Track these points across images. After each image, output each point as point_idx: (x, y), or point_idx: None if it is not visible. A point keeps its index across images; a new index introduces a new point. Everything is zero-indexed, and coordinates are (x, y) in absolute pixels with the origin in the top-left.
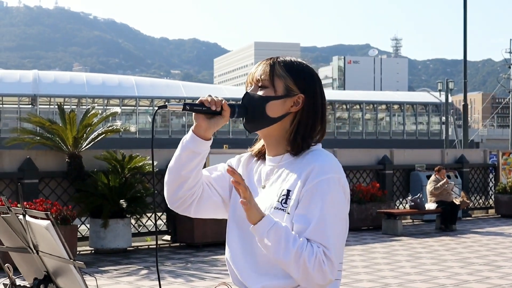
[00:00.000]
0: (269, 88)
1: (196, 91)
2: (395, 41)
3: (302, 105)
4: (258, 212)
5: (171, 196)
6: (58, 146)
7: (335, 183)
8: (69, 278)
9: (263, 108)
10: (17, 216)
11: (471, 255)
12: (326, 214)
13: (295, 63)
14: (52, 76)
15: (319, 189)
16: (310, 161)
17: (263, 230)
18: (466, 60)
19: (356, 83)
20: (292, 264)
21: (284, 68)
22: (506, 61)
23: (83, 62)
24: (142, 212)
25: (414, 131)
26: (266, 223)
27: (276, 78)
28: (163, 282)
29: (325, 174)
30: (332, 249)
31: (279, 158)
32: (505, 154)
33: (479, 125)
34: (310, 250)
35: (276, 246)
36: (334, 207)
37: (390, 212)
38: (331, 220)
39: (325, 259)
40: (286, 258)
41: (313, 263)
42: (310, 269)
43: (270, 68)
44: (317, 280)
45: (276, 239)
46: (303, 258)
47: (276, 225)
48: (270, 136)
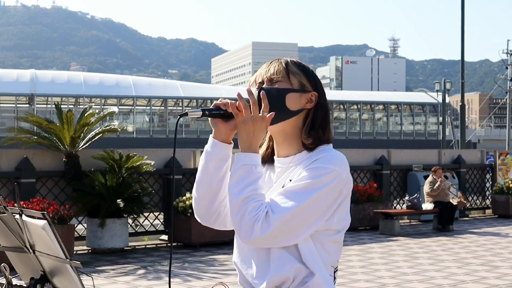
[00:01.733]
0: (284, 82)
1: (194, 91)
2: (392, 41)
3: (316, 102)
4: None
5: (206, 211)
6: (55, 146)
7: (333, 175)
8: (65, 278)
9: (283, 100)
10: (14, 216)
11: (468, 255)
12: (302, 187)
13: (306, 66)
14: (49, 75)
15: (314, 171)
16: (318, 156)
17: (245, 159)
18: (464, 60)
19: (354, 83)
20: (237, 205)
21: (296, 66)
22: (504, 62)
23: (81, 62)
24: (139, 212)
25: (412, 132)
26: (251, 158)
27: (291, 74)
28: (160, 282)
29: (327, 164)
30: (278, 215)
31: (290, 158)
32: (502, 154)
33: (476, 126)
34: (257, 206)
35: (239, 180)
36: (311, 190)
37: (388, 212)
38: (297, 196)
39: (264, 218)
40: (236, 196)
41: (250, 217)
42: (245, 220)
43: (285, 65)
44: (243, 233)
45: (244, 175)
46: (247, 206)
47: (255, 167)
48: (284, 133)
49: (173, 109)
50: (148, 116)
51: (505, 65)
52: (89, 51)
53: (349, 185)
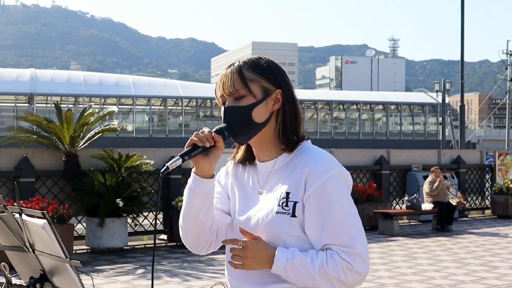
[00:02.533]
0: (247, 95)
1: (193, 91)
2: (392, 41)
3: (282, 99)
4: (267, 251)
5: (194, 242)
6: (55, 145)
7: (338, 178)
8: (65, 277)
9: (249, 117)
10: (14, 215)
11: (468, 255)
12: (338, 213)
13: (259, 61)
14: (49, 74)
15: (326, 189)
16: (304, 161)
17: (281, 267)
18: (463, 60)
19: (353, 83)
20: (323, 284)
21: (251, 70)
22: (503, 62)
23: (80, 61)
24: (138, 211)
25: (411, 132)
26: (280, 261)
27: (250, 83)
28: (159, 282)
29: (326, 173)
30: (354, 244)
31: (273, 162)
32: (502, 154)
33: (476, 126)
34: (333, 263)
35: (299, 278)
36: (343, 204)
37: (387, 212)
38: (345, 218)
39: (350, 259)
40: (314, 283)
41: (342, 272)
42: (343, 279)
43: (239, 75)
44: (354, 281)
45: (296, 273)
46: (330, 274)
47: (290, 261)
48: (261, 141)
49: (172, 108)
50: (147, 116)
51: (504, 65)
52: (88, 50)
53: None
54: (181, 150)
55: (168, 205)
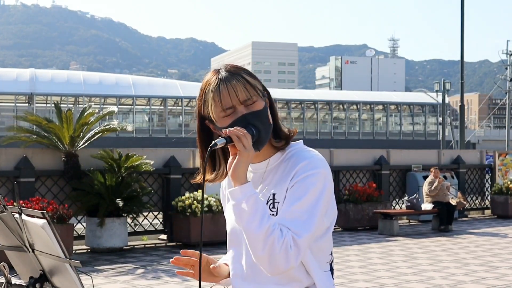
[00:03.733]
0: (257, 100)
1: (193, 91)
2: (392, 41)
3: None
4: (246, 174)
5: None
6: (55, 145)
7: (322, 178)
8: (65, 277)
9: (268, 120)
10: (13, 215)
11: (467, 255)
12: (306, 205)
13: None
14: (49, 74)
15: (304, 182)
16: (296, 160)
17: (245, 193)
18: (463, 61)
19: (353, 83)
20: (261, 240)
21: (249, 75)
22: (503, 62)
23: (80, 61)
24: (138, 211)
25: (411, 132)
26: (249, 188)
27: (256, 88)
28: (159, 282)
29: (312, 169)
30: (302, 236)
31: (265, 163)
32: (502, 155)
33: (475, 126)
34: (280, 233)
35: (252, 215)
36: (315, 202)
37: (387, 212)
38: (309, 212)
39: (293, 244)
40: (257, 230)
41: (281, 245)
42: (276, 250)
43: (246, 81)
44: (280, 262)
45: (254, 208)
46: (272, 236)
47: (257, 195)
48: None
49: (172, 108)
50: (147, 116)
51: (504, 65)
52: (88, 50)
53: (332, 181)
54: (181, 150)
55: (168, 205)
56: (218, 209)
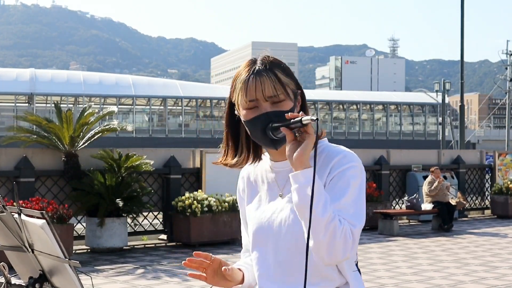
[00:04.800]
0: (285, 100)
1: (193, 91)
2: (392, 41)
3: (301, 101)
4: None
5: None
6: (55, 145)
7: (358, 171)
8: (64, 277)
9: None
10: (13, 215)
11: (467, 255)
12: (353, 195)
13: (281, 62)
14: (49, 74)
15: (345, 175)
16: (329, 155)
17: (309, 177)
18: (463, 61)
19: (353, 83)
20: (323, 224)
21: (283, 73)
22: (503, 62)
23: (80, 61)
24: (138, 211)
25: (411, 132)
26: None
27: (286, 87)
28: (159, 282)
29: (349, 162)
30: (356, 227)
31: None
32: (502, 155)
33: (475, 126)
34: (339, 220)
35: (317, 198)
36: (359, 192)
37: (387, 212)
38: (358, 202)
39: (350, 233)
40: (322, 215)
41: (340, 232)
42: (337, 237)
43: (277, 78)
44: (338, 250)
45: (319, 191)
46: (334, 223)
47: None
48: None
49: (172, 108)
50: (147, 116)
51: (504, 65)
52: (88, 50)
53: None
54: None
55: (168, 205)
56: (218, 209)
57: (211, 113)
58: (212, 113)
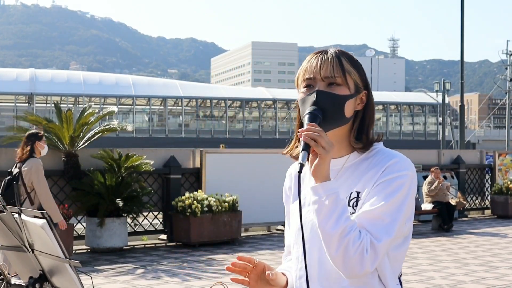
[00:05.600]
0: (343, 85)
1: (193, 91)
2: (392, 41)
3: (366, 101)
4: (329, 171)
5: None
6: (55, 145)
7: (409, 181)
8: (64, 277)
9: (342, 108)
10: (13, 215)
11: (467, 255)
12: (393, 207)
13: (354, 57)
14: (49, 74)
15: (392, 183)
16: (385, 159)
17: (327, 190)
18: (463, 61)
19: None
20: (336, 240)
21: (350, 62)
22: (503, 62)
23: (80, 61)
24: (138, 211)
25: (411, 132)
26: (332, 186)
27: (347, 74)
28: (159, 282)
29: (401, 171)
30: (381, 241)
31: (344, 160)
32: (502, 155)
33: (475, 126)
34: (358, 234)
35: (329, 213)
36: (401, 204)
37: None
38: (394, 215)
39: (370, 248)
40: (332, 230)
41: (357, 247)
42: (351, 252)
43: (339, 63)
44: (354, 265)
45: (333, 207)
46: (348, 238)
47: (338, 194)
48: (336, 137)
49: (172, 108)
50: (147, 116)
51: (504, 65)
52: (88, 50)
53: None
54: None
55: (168, 205)
56: (218, 209)
57: (211, 113)
58: (212, 113)
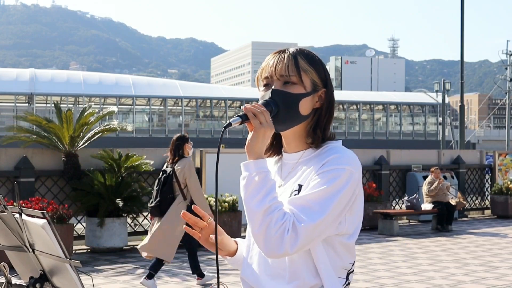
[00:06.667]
0: (298, 84)
1: (193, 91)
2: (392, 41)
3: (324, 99)
4: (263, 150)
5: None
6: (55, 145)
7: (346, 175)
8: (65, 277)
9: (296, 107)
10: (13, 215)
11: (467, 255)
12: (319, 195)
13: (314, 55)
14: (49, 74)
15: (327, 175)
16: (328, 154)
17: (259, 167)
18: (463, 61)
19: (353, 84)
20: (259, 217)
21: (307, 60)
22: (503, 62)
23: (80, 61)
24: (138, 211)
25: (411, 132)
26: (264, 165)
27: (302, 73)
28: (159, 282)
29: (339, 164)
30: (305, 224)
31: (300, 154)
32: (502, 155)
33: (475, 126)
34: (281, 215)
35: (256, 190)
36: (331, 195)
37: (387, 212)
38: (320, 203)
39: (291, 229)
40: (257, 207)
41: (278, 227)
42: (272, 231)
43: (295, 61)
44: (274, 244)
45: (261, 184)
46: (271, 216)
47: (268, 173)
48: (292, 133)
49: (172, 108)
50: (147, 116)
51: (504, 65)
52: (88, 50)
53: (359, 183)
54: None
55: None
56: (218, 209)
57: (211, 113)
58: (212, 113)
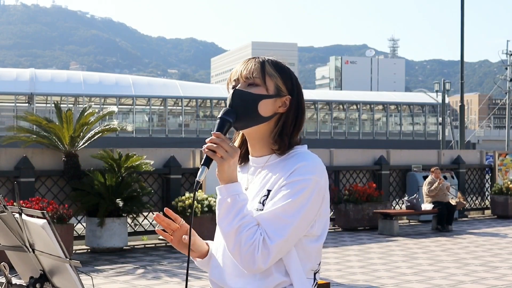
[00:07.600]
0: (260, 86)
1: (193, 91)
2: (392, 41)
3: (289, 106)
4: (233, 174)
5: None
6: (55, 145)
7: (312, 185)
8: (65, 277)
9: (255, 106)
10: (13, 215)
11: (467, 255)
12: (288, 209)
13: (281, 64)
14: (49, 74)
15: (295, 187)
16: (295, 162)
17: (230, 191)
18: (463, 61)
19: (353, 84)
20: (231, 237)
21: (273, 67)
22: (503, 62)
23: (80, 61)
24: (138, 211)
25: (411, 132)
26: (235, 188)
27: (267, 76)
28: (159, 282)
29: (306, 174)
30: (275, 241)
31: (265, 159)
32: (502, 155)
33: (475, 126)
34: (251, 234)
35: (226, 213)
36: (299, 207)
37: (387, 212)
38: (289, 217)
39: (262, 247)
40: (227, 229)
41: (248, 247)
42: (242, 251)
43: (261, 66)
44: (245, 263)
45: (230, 207)
46: (241, 236)
47: (239, 196)
48: (255, 135)
49: (172, 108)
50: (147, 116)
51: (504, 65)
52: (88, 50)
53: (326, 190)
54: (181, 150)
55: (168, 205)
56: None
57: (211, 113)
58: (212, 113)
